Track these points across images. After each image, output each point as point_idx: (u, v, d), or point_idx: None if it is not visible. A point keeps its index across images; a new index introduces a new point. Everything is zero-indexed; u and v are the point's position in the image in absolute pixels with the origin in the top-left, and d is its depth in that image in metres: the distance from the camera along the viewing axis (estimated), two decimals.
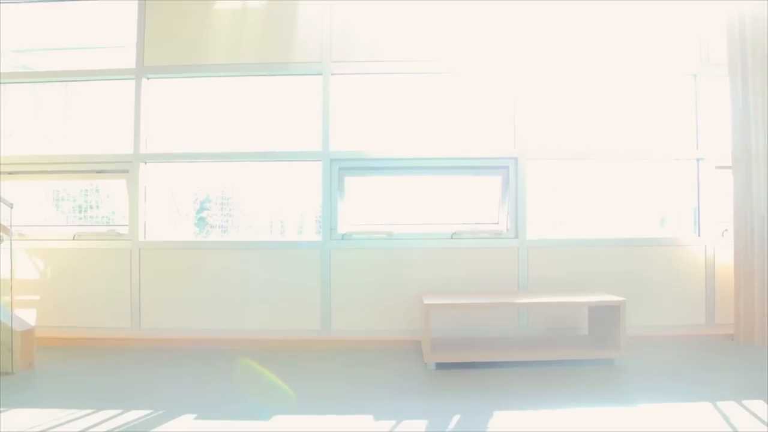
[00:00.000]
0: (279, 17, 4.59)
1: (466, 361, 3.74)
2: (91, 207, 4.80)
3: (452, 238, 4.52)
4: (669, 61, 4.59)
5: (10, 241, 3.87)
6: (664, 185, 4.71)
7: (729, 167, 4.41)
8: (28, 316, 4.35)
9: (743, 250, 4.32)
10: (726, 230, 4.52)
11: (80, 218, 4.79)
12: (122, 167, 4.58)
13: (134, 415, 2.88)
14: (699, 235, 4.58)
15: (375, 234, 4.55)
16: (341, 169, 4.54)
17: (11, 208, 3.90)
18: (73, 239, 4.57)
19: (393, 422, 2.76)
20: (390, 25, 4.57)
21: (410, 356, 4.05)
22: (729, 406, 2.90)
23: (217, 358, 4.02)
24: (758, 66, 4.32)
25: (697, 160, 4.59)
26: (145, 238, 4.56)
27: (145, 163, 4.59)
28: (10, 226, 3.88)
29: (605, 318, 3.95)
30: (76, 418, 2.82)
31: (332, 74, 4.54)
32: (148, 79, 4.61)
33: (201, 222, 4.82)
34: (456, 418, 2.81)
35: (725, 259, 4.49)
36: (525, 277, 4.46)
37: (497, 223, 4.61)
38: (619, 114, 4.66)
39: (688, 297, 4.50)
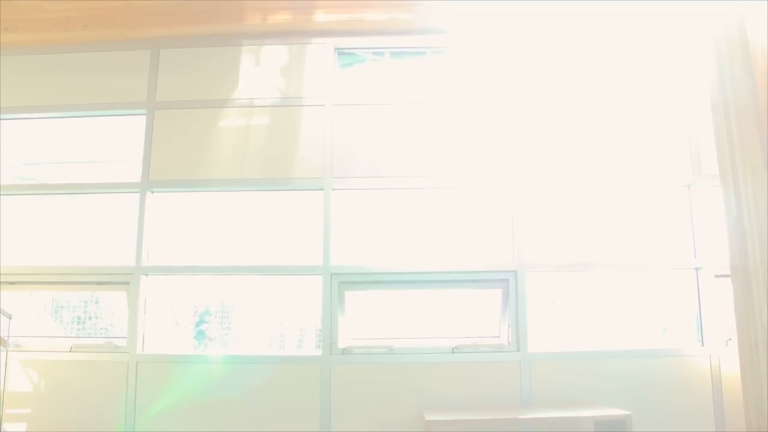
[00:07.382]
0: (281, 134, 4.75)
1: None
2: (90, 318, 4.78)
3: (453, 352, 4.46)
4: (663, 173, 4.70)
5: (6, 352, 3.84)
6: (664, 295, 4.71)
7: (728, 276, 4.42)
8: (18, 430, 4.26)
9: (749, 359, 4.24)
10: (730, 339, 4.47)
11: (78, 329, 4.75)
12: (123, 279, 4.59)
13: None
14: (703, 345, 4.53)
15: (375, 348, 4.50)
16: (341, 283, 4.55)
17: (10, 318, 3.89)
18: (70, 351, 4.51)
19: None
20: (389, 142, 4.72)
21: None
22: None
23: None
24: (749, 177, 4.41)
25: (696, 269, 4.61)
26: (143, 350, 4.51)
27: (147, 275, 4.61)
28: (8, 337, 3.86)
29: None
30: None
31: (333, 189, 4.64)
32: (152, 192, 4.71)
33: (200, 335, 4.78)
34: None
35: (731, 369, 4.41)
36: (528, 391, 4.37)
37: (498, 336, 4.57)
38: (617, 225, 4.72)
39: (695, 408, 4.39)
